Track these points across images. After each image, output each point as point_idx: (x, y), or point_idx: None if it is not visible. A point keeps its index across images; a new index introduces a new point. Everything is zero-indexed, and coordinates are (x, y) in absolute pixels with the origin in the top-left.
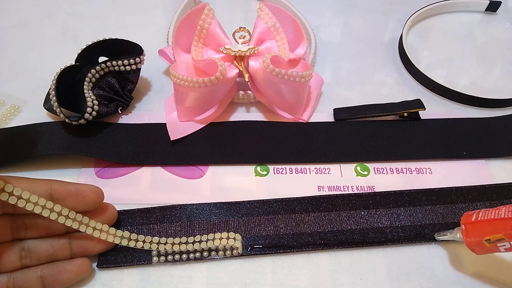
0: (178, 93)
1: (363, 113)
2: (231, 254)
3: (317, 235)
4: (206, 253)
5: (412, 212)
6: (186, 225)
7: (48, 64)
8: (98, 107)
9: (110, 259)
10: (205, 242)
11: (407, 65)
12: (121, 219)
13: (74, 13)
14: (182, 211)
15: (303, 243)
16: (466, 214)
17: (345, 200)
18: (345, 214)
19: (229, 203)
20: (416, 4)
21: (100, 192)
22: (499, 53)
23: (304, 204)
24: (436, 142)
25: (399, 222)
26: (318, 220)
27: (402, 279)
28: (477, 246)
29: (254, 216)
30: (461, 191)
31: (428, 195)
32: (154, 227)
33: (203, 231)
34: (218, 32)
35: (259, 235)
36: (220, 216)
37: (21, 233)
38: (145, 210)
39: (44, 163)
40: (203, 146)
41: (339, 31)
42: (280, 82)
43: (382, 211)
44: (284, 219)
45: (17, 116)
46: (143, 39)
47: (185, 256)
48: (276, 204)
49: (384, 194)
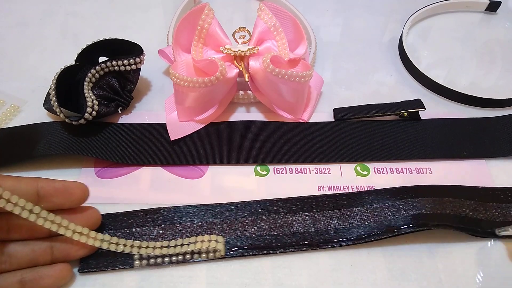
0: (178, 93)
1: (363, 113)
2: (214, 256)
3: (301, 236)
4: (188, 256)
5: (401, 207)
6: (169, 228)
7: (48, 64)
8: (98, 107)
9: (92, 263)
10: (187, 245)
11: (407, 65)
12: (104, 222)
13: (74, 13)
14: (165, 214)
15: (286, 244)
16: None
17: (328, 199)
18: (328, 214)
19: (212, 205)
20: (416, 4)
21: (86, 188)
22: (499, 53)
23: (288, 205)
24: (436, 142)
25: (385, 218)
26: (302, 221)
27: (402, 279)
28: None
29: (237, 217)
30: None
31: (416, 191)
32: (137, 231)
33: (186, 234)
34: (218, 32)
35: (242, 236)
36: (204, 219)
37: (3, 234)
38: (127, 213)
39: (44, 163)
40: (203, 146)
41: (339, 31)
42: (280, 82)
43: (367, 209)
44: (267, 220)
45: (17, 116)
46: (143, 39)
47: (167, 259)
48: (259, 205)
49: (366, 192)
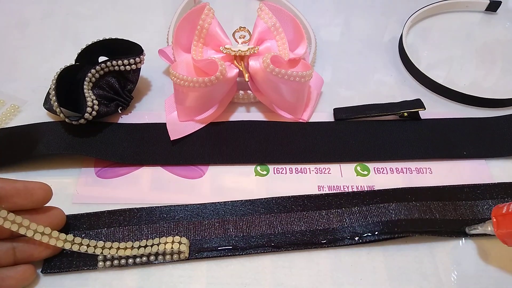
0: (178, 93)
1: (363, 113)
2: (178, 258)
3: (267, 237)
4: (152, 257)
5: (367, 213)
6: (134, 229)
7: (48, 64)
8: (98, 107)
9: (56, 264)
10: (150, 247)
11: (407, 65)
12: (69, 223)
13: (74, 13)
14: (131, 215)
15: (252, 245)
16: (497, 207)
17: (296, 201)
18: (296, 216)
19: (180, 206)
20: (416, 4)
21: (49, 188)
22: (499, 53)
23: (255, 206)
24: (436, 142)
25: (351, 222)
26: (269, 222)
27: (402, 279)
28: (509, 237)
29: (204, 219)
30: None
31: (383, 196)
32: (102, 231)
33: (151, 235)
34: (218, 32)
35: (208, 238)
36: (169, 220)
37: None
38: (93, 214)
39: (44, 163)
40: (203, 146)
41: (339, 31)
42: (280, 82)
43: (334, 212)
44: (234, 222)
45: (17, 116)
46: (143, 39)
47: (131, 260)
48: (226, 207)
49: (335, 195)
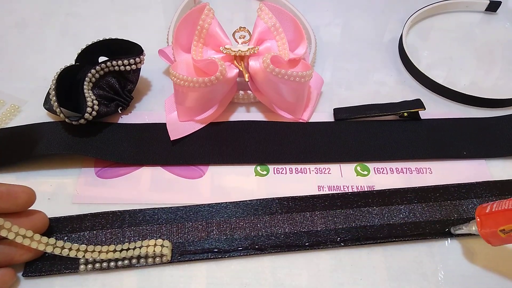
0: (178, 93)
1: (363, 113)
2: (160, 261)
3: (251, 240)
4: (134, 260)
5: (349, 214)
6: (117, 232)
7: (48, 64)
8: (98, 107)
9: (37, 267)
10: (133, 250)
11: (407, 65)
12: (52, 226)
13: (74, 13)
14: (114, 218)
15: (235, 248)
16: (481, 207)
17: (280, 203)
18: (280, 218)
19: (163, 209)
20: (416, 4)
21: (32, 192)
22: (499, 53)
23: (240, 208)
24: (436, 142)
25: (335, 225)
26: (252, 225)
27: (402, 279)
28: (492, 237)
29: (188, 221)
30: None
31: (367, 198)
32: (85, 234)
33: (134, 238)
34: (218, 32)
35: (190, 241)
36: (152, 223)
37: None
38: (76, 217)
39: (44, 163)
40: (203, 146)
41: (339, 31)
42: (280, 82)
43: (318, 214)
44: (218, 224)
45: (17, 116)
46: (143, 39)
47: (113, 264)
48: (210, 209)
49: (319, 197)
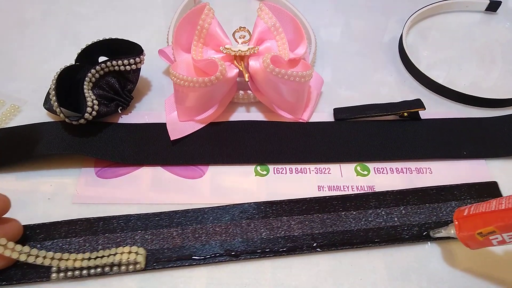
0: (178, 93)
1: (363, 113)
2: (134, 269)
3: (227, 246)
4: (107, 268)
5: (326, 218)
6: (91, 239)
7: (48, 64)
8: (98, 107)
9: (9, 275)
10: (107, 257)
11: (407, 65)
12: (26, 234)
13: (74, 13)
14: (87, 225)
15: (211, 254)
16: (459, 210)
17: (257, 208)
18: (257, 223)
19: (137, 216)
20: (416, 4)
21: (7, 200)
22: (499, 53)
23: (216, 214)
24: (436, 142)
25: (311, 230)
26: (229, 230)
27: (402, 279)
28: (470, 240)
29: (162, 228)
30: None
31: (344, 202)
32: (58, 242)
33: (108, 245)
34: (218, 32)
35: (166, 248)
36: (127, 230)
37: None
38: (49, 224)
39: (44, 163)
40: (203, 146)
41: (339, 31)
42: (280, 82)
43: (295, 219)
44: (193, 230)
45: (17, 116)
46: (143, 39)
47: (85, 272)
48: (186, 215)
49: (297, 201)
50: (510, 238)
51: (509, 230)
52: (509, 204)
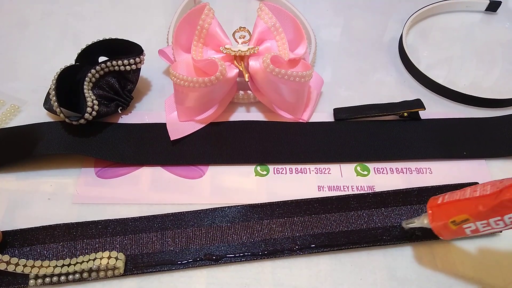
0: (178, 93)
1: (363, 113)
2: (112, 274)
3: (206, 250)
4: (86, 274)
5: (306, 221)
6: (69, 245)
7: (48, 64)
8: (98, 107)
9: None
10: (86, 262)
11: (407, 65)
12: (4, 240)
13: (74, 13)
14: (66, 230)
15: (189, 258)
16: (432, 198)
17: (239, 212)
18: (238, 226)
19: (116, 221)
20: (416, 4)
21: None
22: (499, 53)
23: (196, 218)
24: (436, 142)
25: (292, 233)
26: (209, 234)
27: (402, 279)
28: (443, 229)
29: (141, 233)
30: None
31: (325, 205)
32: (37, 248)
33: (87, 251)
34: (218, 32)
35: (145, 252)
36: (106, 235)
37: None
38: (27, 230)
39: (44, 163)
40: (203, 146)
41: (339, 31)
42: (280, 82)
43: (276, 222)
44: (173, 235)
45: (17, 116)
46: (143, 39)
47: (63, 278)
48: (165, 219)
49: (277, 204)
50: (484, 226)
51: (482, 218)
52: (483, 191)
